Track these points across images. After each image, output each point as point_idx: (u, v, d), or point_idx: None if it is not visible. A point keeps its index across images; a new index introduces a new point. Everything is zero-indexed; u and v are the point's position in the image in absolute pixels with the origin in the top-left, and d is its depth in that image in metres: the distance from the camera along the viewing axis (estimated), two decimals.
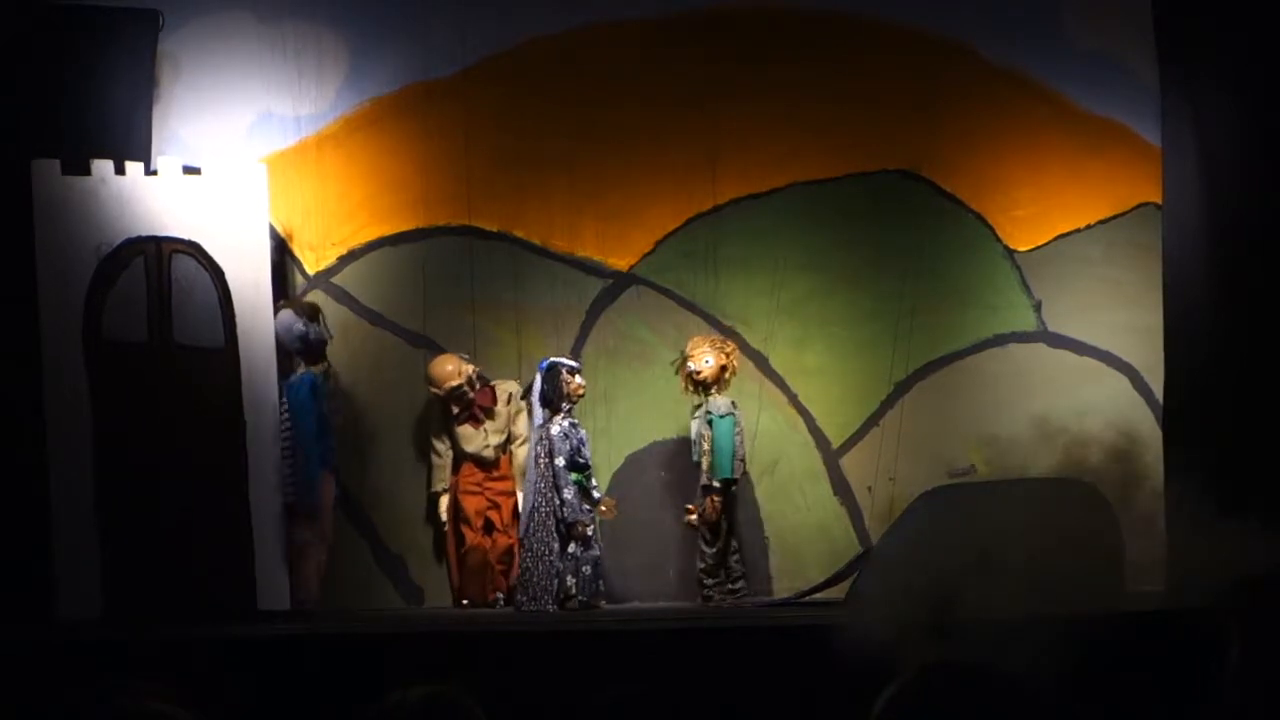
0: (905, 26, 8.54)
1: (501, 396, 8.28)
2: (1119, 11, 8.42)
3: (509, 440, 8.31)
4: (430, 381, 8.21)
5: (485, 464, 8.26)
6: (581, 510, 7.88)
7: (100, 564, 7.49)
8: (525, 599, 7.88)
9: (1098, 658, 5.72)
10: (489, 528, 8.23)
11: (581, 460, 7.93)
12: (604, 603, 7.98)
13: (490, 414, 8.25)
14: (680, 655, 6.35)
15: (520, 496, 8.17)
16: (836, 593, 8.12)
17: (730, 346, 8.18)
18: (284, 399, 7.87)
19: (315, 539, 8.02)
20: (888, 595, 7.37)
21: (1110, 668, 5.72)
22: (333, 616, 7.78)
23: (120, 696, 2.44)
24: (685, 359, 8.14)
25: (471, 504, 8.23)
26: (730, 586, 8.07)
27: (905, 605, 6.84)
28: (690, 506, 8.21)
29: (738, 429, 8.09)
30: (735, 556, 8.11)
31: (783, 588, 8.38)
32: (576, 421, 8.00)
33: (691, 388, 8.13)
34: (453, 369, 8.15)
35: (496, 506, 8.25)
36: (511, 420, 8.30)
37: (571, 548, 7.85)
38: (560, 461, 7.86)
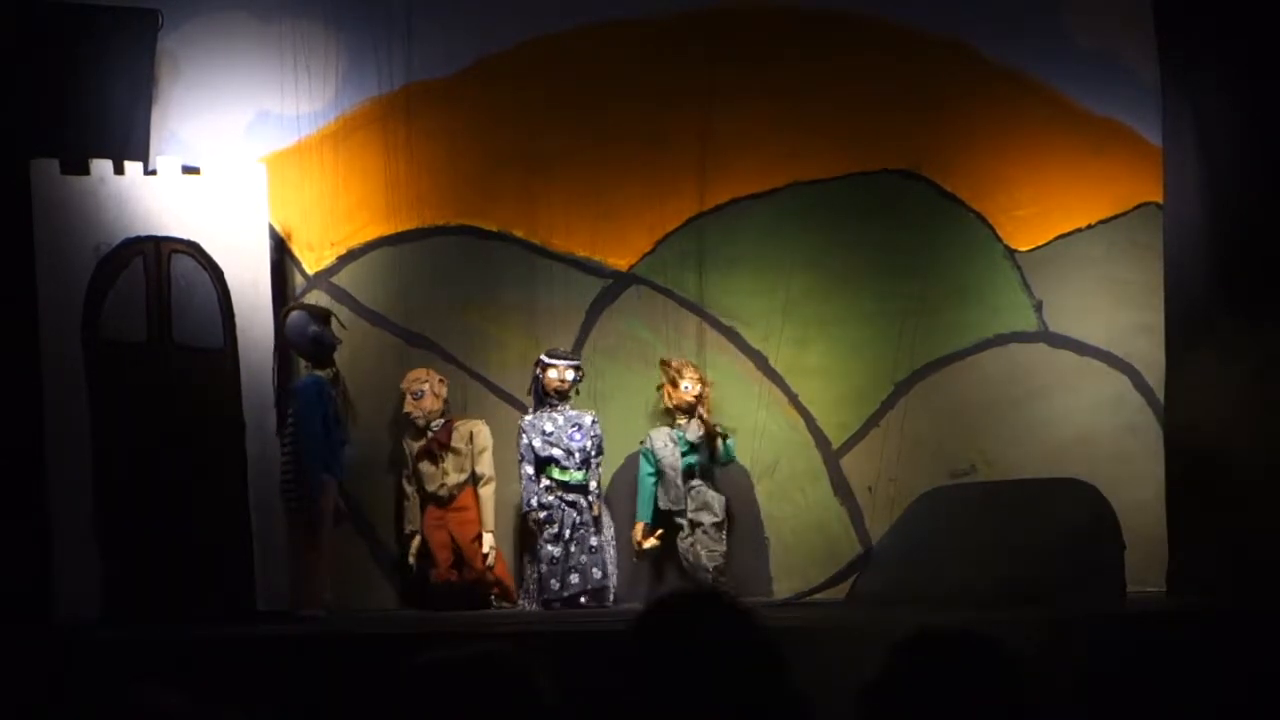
0: (905, 26, 8.54)
1: (462, 436, 8.17)
2: (1119, 11, 8.41)
3: (475, 481, 8.20)
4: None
5: (442, 503, 8.17)
6: (530, 504, 8.01)
7: (100, 564, 7.48)
8: (524, 597, 8.11)
9: (1098, 658, 5.72)
10: (459, 561, 8.17)
11: (545, 455, 7.98)
12: (555, 604, 7.99)
13: (447, 452, 8.15)
14: None
15: (486, 536, 8.15)
16: (836, 593, 8.13)
17: (709, 380, 8.22)
18: (290, 403, 7.81)
19: (320, 548, 7.94)
20: (888, 595, 7.38)
21: (1110, 668, 5.71)
22: (332, 617, 7.76)
23: (123, 695, 2.43)
24: (675, 379, 8.17)
25: (436, 538, 8.15)
26: None
27: (905, 605, 6.84)
28: (659, 530, 8.18)
29: None
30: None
31: (783, 588, 8.37)
32: (556, 415, 8.08)
33: (674, 407, 8.17)
34: (423, 372, 8.19)
35: (459, 539, 8.15)
36: (475, 460, 8.19)
37: (548, 547, 7.95)
38: (519, 455, 8.06)
